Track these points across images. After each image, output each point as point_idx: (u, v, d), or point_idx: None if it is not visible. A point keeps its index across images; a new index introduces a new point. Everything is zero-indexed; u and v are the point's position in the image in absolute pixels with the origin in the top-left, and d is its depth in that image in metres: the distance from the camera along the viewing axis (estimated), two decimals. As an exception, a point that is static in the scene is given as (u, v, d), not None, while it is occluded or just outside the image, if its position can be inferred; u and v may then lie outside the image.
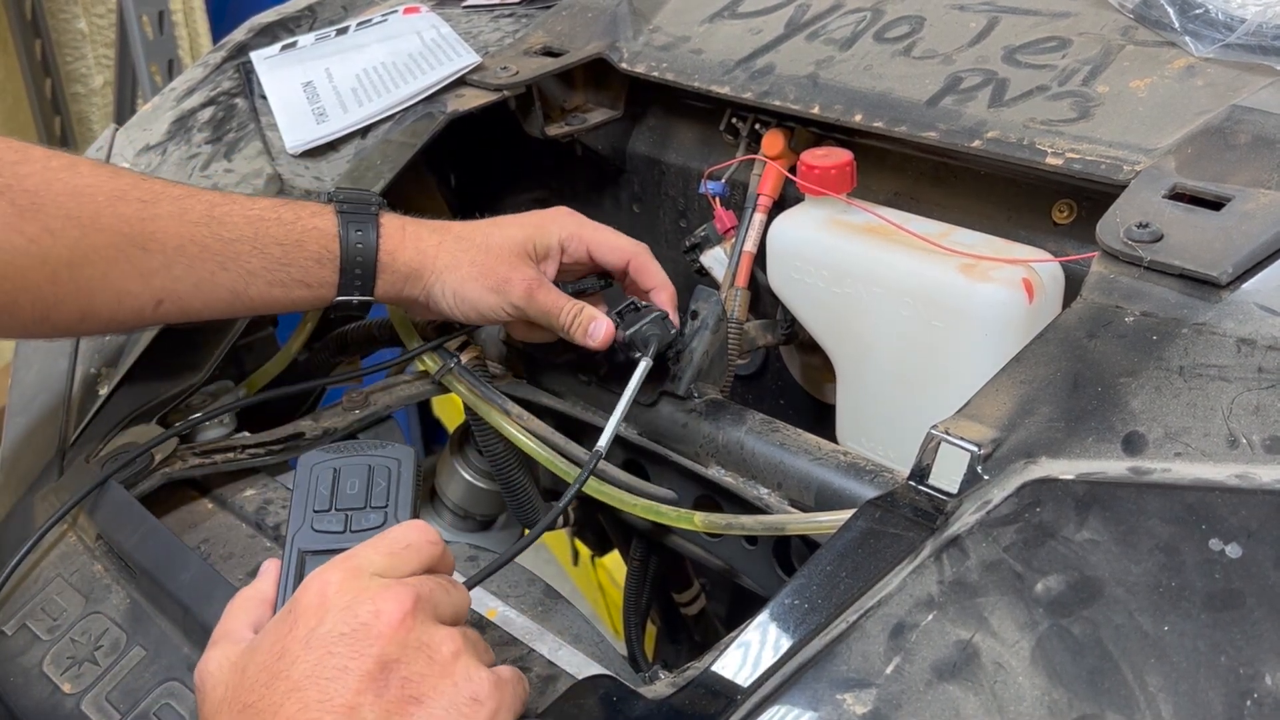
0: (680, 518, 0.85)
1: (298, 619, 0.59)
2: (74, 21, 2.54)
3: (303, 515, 0.70)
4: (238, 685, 0.59)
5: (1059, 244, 0.91)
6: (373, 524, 0.69)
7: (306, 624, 0.58)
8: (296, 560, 0.68)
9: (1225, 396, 0.64)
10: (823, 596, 0.62)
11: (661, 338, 0.88)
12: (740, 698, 0.59)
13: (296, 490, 0.71)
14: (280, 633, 0.59)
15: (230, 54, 1.29)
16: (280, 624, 0.60)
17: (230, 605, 0.66)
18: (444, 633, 0.60)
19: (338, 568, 0.61)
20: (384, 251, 0.89)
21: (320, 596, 0.59)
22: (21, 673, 0.81)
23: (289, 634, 0.58)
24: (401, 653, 0.58)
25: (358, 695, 0.56)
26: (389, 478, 0.71)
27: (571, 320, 0.90)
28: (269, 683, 0.57)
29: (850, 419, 0.97)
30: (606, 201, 1.24)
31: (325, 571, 0.61)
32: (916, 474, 0.66)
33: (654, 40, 1.10)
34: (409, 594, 0.59)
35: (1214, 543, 0.57)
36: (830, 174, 0.92)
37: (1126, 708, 0.54)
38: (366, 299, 0.89)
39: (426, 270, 0.90)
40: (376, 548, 0.63)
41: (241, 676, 0.59)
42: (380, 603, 0.59)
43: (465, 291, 0.90)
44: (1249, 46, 0.84)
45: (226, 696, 0.59)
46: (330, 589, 0.59)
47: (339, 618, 0.58)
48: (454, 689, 0.58)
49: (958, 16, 0.99)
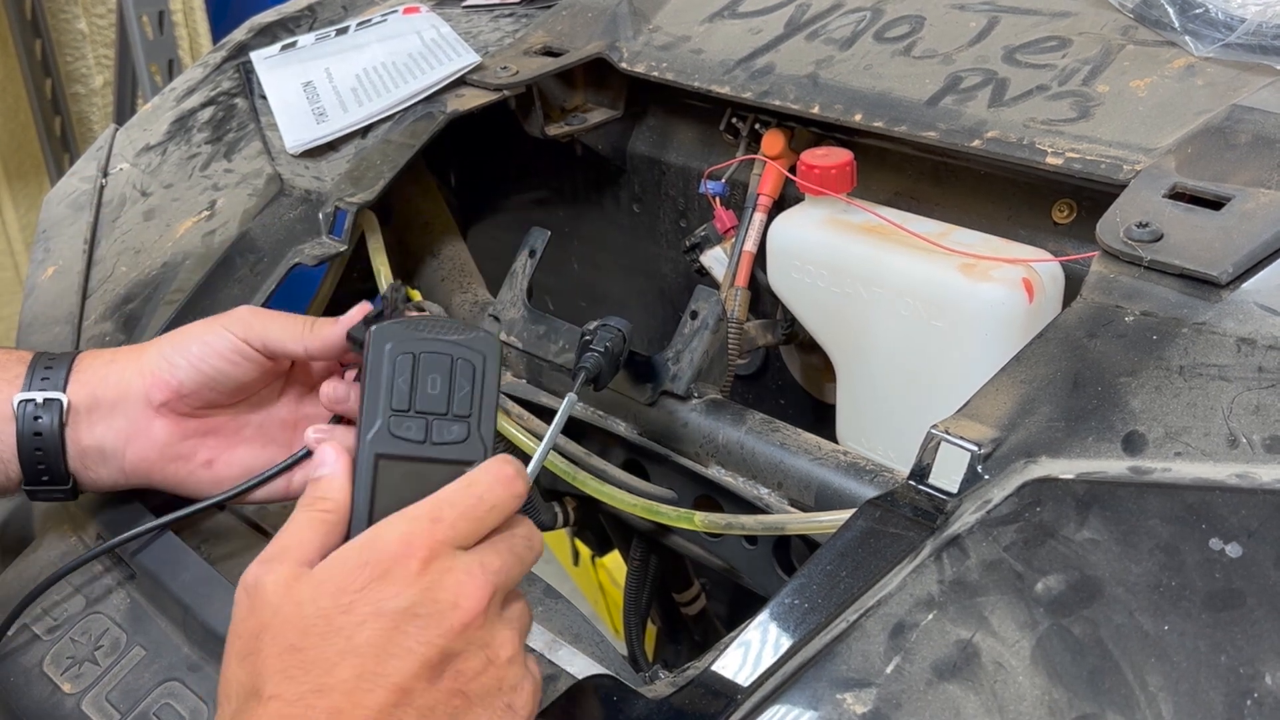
0: (680, 518, 0.85)
1: (371, 579, 0.57)
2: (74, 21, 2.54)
3: (378, 410, 0.63)
4: (291, 620, 0.57)
5: (1059, 243, 0.91)
6: (456, 438, 0.63)
7: (381, 590, 0.56)
8: (371, 465, 0.62)
9: (1225, 396, 0.64)
10: (823, 596, 0.62)
11: (590, 370, 0.84)
12: (740, 697, 0.59)
13: (370, 374, 0.64)
14: (351, 583, 0.57)
15: (230, 54, 1.29)
16: (353, 572, 0.57)
17: (298, 516, 0.62)
18: (506, 634, 0.59)
19: (423, 534, 0.58)
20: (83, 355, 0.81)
21: (402, 564, 0.57)
22: (21, 672, 0.81)
23: (359, 591, 0.56)
24: (465, 647, 0.57)
25: (413, 679, 0.56)
26: (473, 378, 0.64)
27: (310, 323, 0.80)
28: (326, 634, 0.56)
29: (850, 419, 0.97)
30: (606, 201, 1.24)
31: (410, 532, 0.58)
32: (916, 474, 0.66)
33: (654, 40, 1.10)
34: (489, 587, 0.58)
35: (1214, 542, 0.57)
36: (830, 174, 0.92)
37: (1127, 707, 0.54)
38: None
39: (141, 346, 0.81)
40: (463, 510, 0.60)
41: (298, 611, 0.57)
42: (460, 593, 0.57)
43: (176, 335, 0.81)
44: (1249, 46, 0.84)
45: (274, 626, 0.57)
46: (414, 558, 0.57)
47: (417, 598, 0.56)
48: (499, 693, 0.58)
49: (958, 16, 0.99)
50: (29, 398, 0.78)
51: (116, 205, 1.14)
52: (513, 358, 1.02)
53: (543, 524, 1.07)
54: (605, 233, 1.26)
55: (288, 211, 1.05)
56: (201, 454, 0.81)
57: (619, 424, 0.95)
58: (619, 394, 0.93)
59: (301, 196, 1.06)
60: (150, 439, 0.80)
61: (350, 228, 1.01)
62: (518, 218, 1.33)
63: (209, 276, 1.00)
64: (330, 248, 1.01)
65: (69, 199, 1.18)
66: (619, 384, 0.92)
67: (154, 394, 0.79)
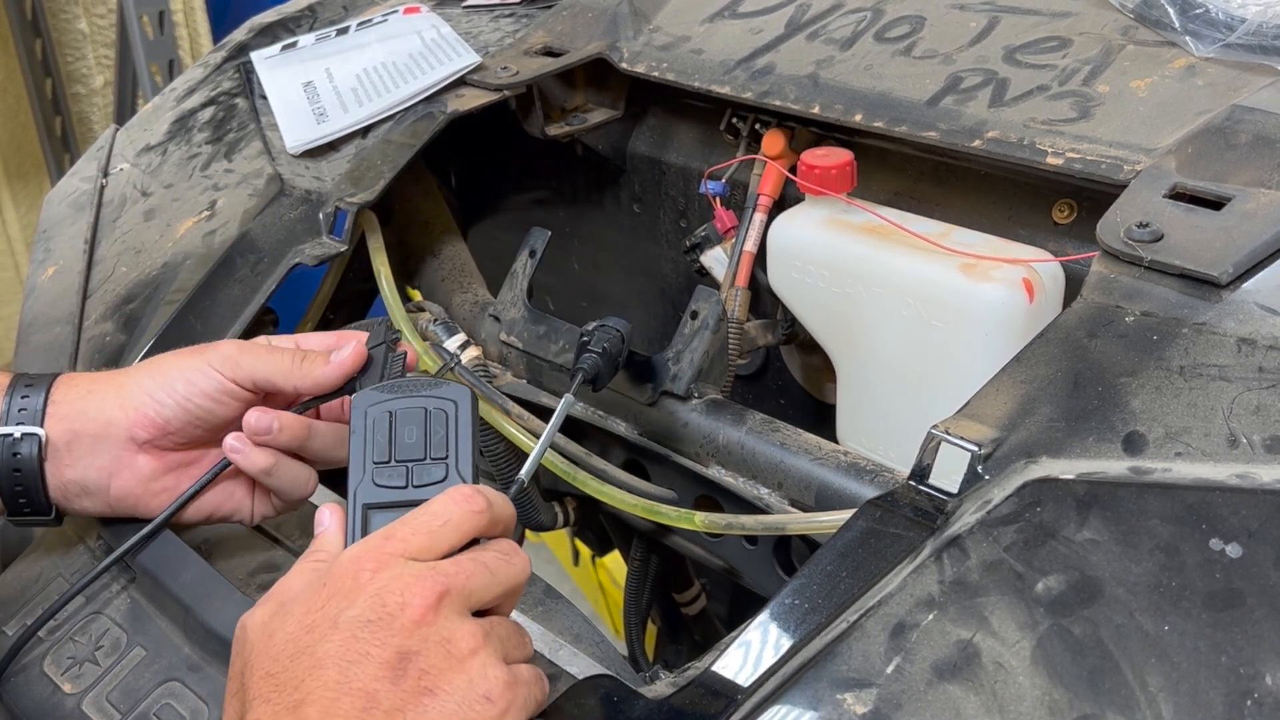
0: (680, 518, 0.85)
1: (329, 597, 0.60)
2: (74, 22, 2.54)
3: (363, 466, 0.68)
4: (266, 651, 0.59)
5: (1059, 244, 0.91)
6: (435, 478, 0.67)
7: (336, 604, 0.59)
8: (360, 516, 0.67)
9: (1226, 396, 0.64)
10: (823, 596, 0.62)
11: (588, 371, 0.85)
12: (740, 697, 0.59)
13: (354, 436, 0.69)
14: (311, 607, 0.60)
15: (230, 54, 1.29)
16: (312, 597, 0.60)
17: (298, 566, 0.65)
18: (466, 628, 0.60)
19: (373, 549, 0.61)
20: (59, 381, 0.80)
21: (353, 577, 0.60)
22: (22, 673, 0.81)
23: (319, 610, 0.59)
24: (422, 645, 0.58)
25: (375, 682, 0.57)
26: (446, 424, 0.69)
27: (301, 358, 0.80)
28: (294, 655, 0.58)
29: (850, 419, 0.97)
30: (607, 201, 1.24)
31: (361, 551, 0.61)
32: (917, 474, 0.66)
33: (654, 40, 1.10)
34: (437, 585, 0.60)
35: (1214, 542, 0.57)
36: (830, 174, 0.92)
37: (1127, 707, 0.54)
38: None
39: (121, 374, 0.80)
40: (415, 526, 0.62)
41: (270, 641, 0.60)
42: (408, 593, 0.59)
43: (158, 367, 0.80)
44: (1249, 46, 0.84)
45: (253, 661, 0.60)
46: (364, 570, 0.60)
47: (367, 604, 0.59)
48: (468, 685, 0.59)
49: (958, 16, 0.99)
50: (6, 433, 0.78)
51: (117, 205, 1.14)
52: (513, 358, 1.02)
53: (542, 524, 1.07)
54: (605, 233, 1.26)
55: (288, 211, 1.05)
56: (184, 485, 0.81)
57: (619, 424, 0.95)
58: (619, 394, 0.93)
59: (302, 196, 1.06)
60: (134, 474, 0.80)
61: (350, 228, 1.01)
62: (518, 218, 1.33)
63: (209, 277, 1.00)
64: (330, 248, 1.01)
65: (69, 199, 1.18)
66: (619, 384, 0.92)
67: (138, 432, 0.79)
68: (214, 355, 0.80)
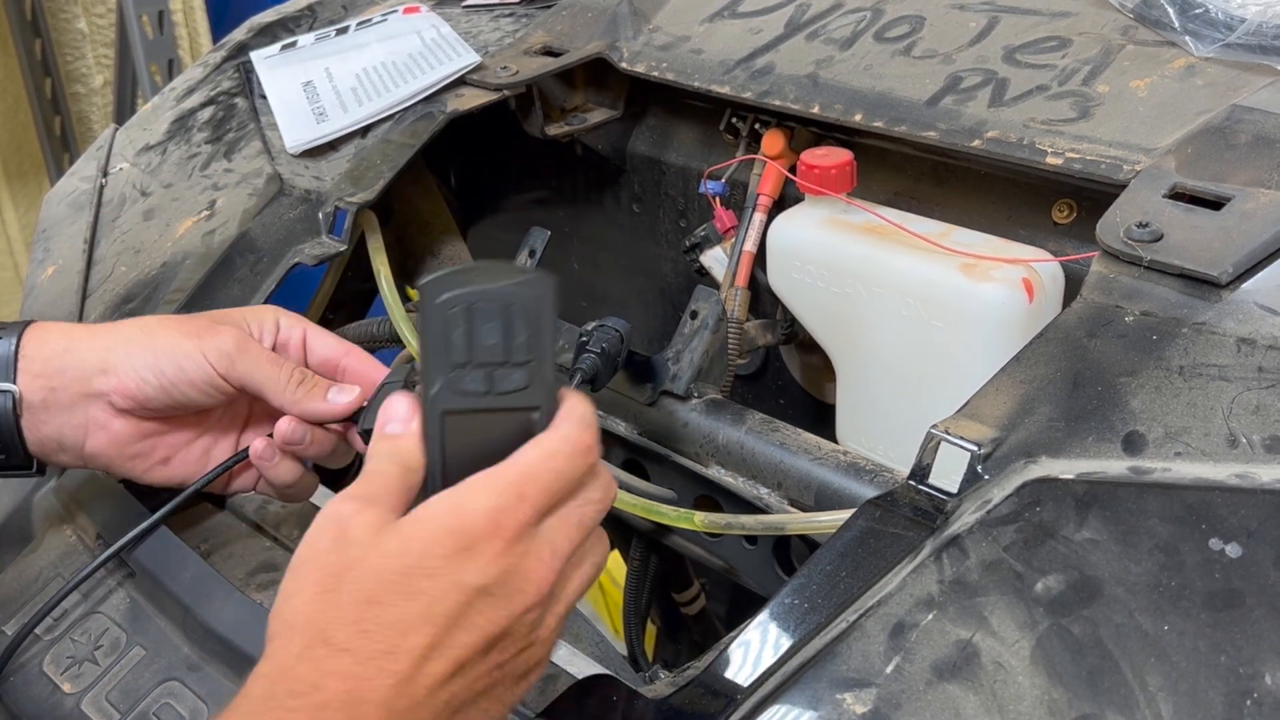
0: (680, 517, 0.85)
1: (457, 549, 0.56)
2: (74, 21, 2.54)
3: (438, 368, 0.61)
4: (374, 569, 0.56)
5: (1059, 244, 0.91)
6: (518, 384, 0.62)
7: (464, 564, 0.56)
8: (438, 423, 0.61)
9: (1225, 396, 0.64)
10: (823, 596, 0.62)
11: (586, 372, 0.85)
12: (740, 697, 0.59)
13: (428, 333, 0.62)
14: (437, 548, 0.56)
15: (230, 54, 1.29)
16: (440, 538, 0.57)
17: (382, 465, 0.61)
18: (553, 620, 0.60)
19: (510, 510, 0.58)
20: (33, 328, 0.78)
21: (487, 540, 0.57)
22: (21, 672, 0.81)
23: (446, 559, 0.56)
24: (519, 628, 0.58)
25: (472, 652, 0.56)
26: (528, 321, 0.62)
27: (299, 380, 0.78)
28: (408, 594, 0.55)
29: (850, 419, 0.97)
30: (606, 201, 1.24)
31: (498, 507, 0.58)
32: (916, 474, 0.66)
33: (654, 40, 1.10)
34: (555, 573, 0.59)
35: (1214, 542, 0.57)
36: (830, 174, 0.92)
37: (1126, 707, 0.54)
38: None
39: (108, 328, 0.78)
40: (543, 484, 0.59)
41: (383, 562, 0.56)
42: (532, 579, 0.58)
43: (153, 341, 0.77)
44: (1249, 46, 0.84)
45: (357, 570, 0.56)
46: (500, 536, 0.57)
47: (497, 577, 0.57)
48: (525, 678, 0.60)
49: (958, 16, 0.99)
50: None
51: (116, 205, 1.14)
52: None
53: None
54: (605, 233, 1.26)
55: (288, 211, 1.05)
56: (159, 452, 0.81)
57: (619, 424, 0.95)
58: (619, 394, 0.93)
59: (301, 196, 1.06)
60: (109, 435, 0.79)
61: (350, 227, 1.01)
62: (518, 218, 1.33)
63: (209, 276, 1.00)
64: (330, 247, 1.01)
65: (69, 198, 1.18)
66: (619, 384, 0.92)
67: (117, 399, 0.78)
68: (211, 347, 0.78)
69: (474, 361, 0.61)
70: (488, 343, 0.61)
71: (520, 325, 0.61)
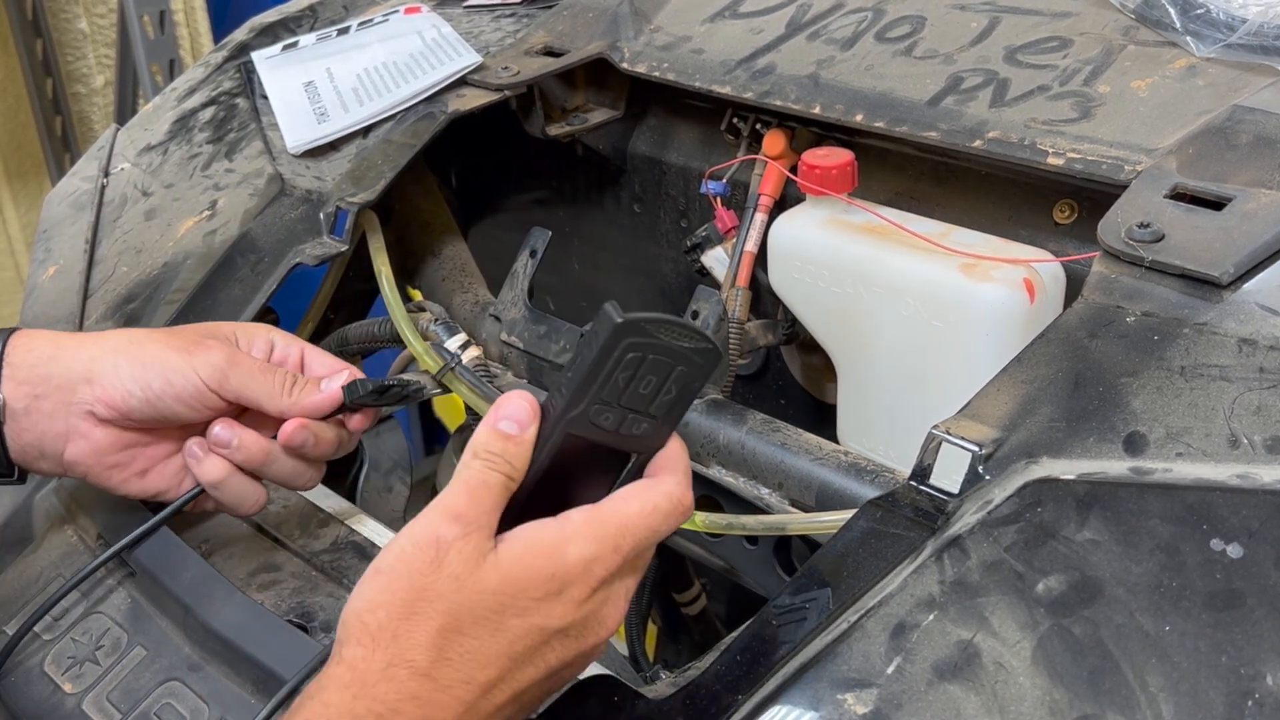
0: (681, 518, 0.85)
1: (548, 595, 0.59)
2: (75, 21, 2.53)
3: (588, 395, 0.61)
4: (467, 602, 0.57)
5: (1060, 244, 0.91)
6: (642, 432, 0.63)
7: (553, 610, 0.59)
8: (558, 439, 0.62)
9: (1226, 396, 0.64)
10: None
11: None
12: (741, 698, 0.59)
13: (596, 362, 0.61)
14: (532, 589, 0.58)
15: (231, 54, 1.29)
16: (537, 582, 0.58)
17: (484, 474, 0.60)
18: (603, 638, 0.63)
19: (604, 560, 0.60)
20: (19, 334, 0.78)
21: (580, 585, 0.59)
22: (22, 672, 0.81)
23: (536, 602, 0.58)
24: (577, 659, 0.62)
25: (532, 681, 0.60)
26: (681, 385, 0.63)
27: (292, 383, 0.78)
28: (495, 631, 0.58)
29: (851, 419, 0.97)
30: (607, 201, 1.24)
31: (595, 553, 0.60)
32: (917, 474, 0.66)
33: (655, 40, 1.10)
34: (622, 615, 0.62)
35: (1215, 543, 0.57)
36: (831, 174, 0.92)
37: (1127, 708, 0.54)
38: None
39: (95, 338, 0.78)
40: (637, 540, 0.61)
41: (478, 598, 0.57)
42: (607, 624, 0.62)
43: (140, 353, 0.77)
44: (1250, 46, 0.84)
45: (448, 597, 0.57)
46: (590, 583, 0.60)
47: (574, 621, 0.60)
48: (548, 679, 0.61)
49: (959, 16, 0.99)
50: None
51: (117, 205, 1.14)
52: (513, 357, 1.02)
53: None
54: (606, 233, 1.26)
55: (289, 211, 1.05)
56: (137, 464, 0.80)
57: (620, 424, 0.95)
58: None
59: (302, 196, 1.06)
60: (89, 444, 0.78)
61: (351, 228, 1.01)
62: (518, 218, 1.33)
63: (210, 276, 1.00)
64: (331, 248, 1.01)
65: (70, 199, 1.18)
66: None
67: (100, 409, 0.77)
68: (202, 362, 0.77)
69: (620, 404, 0.62)
70: (641, 392, 0.62)
71: (673, 386, 0.63)
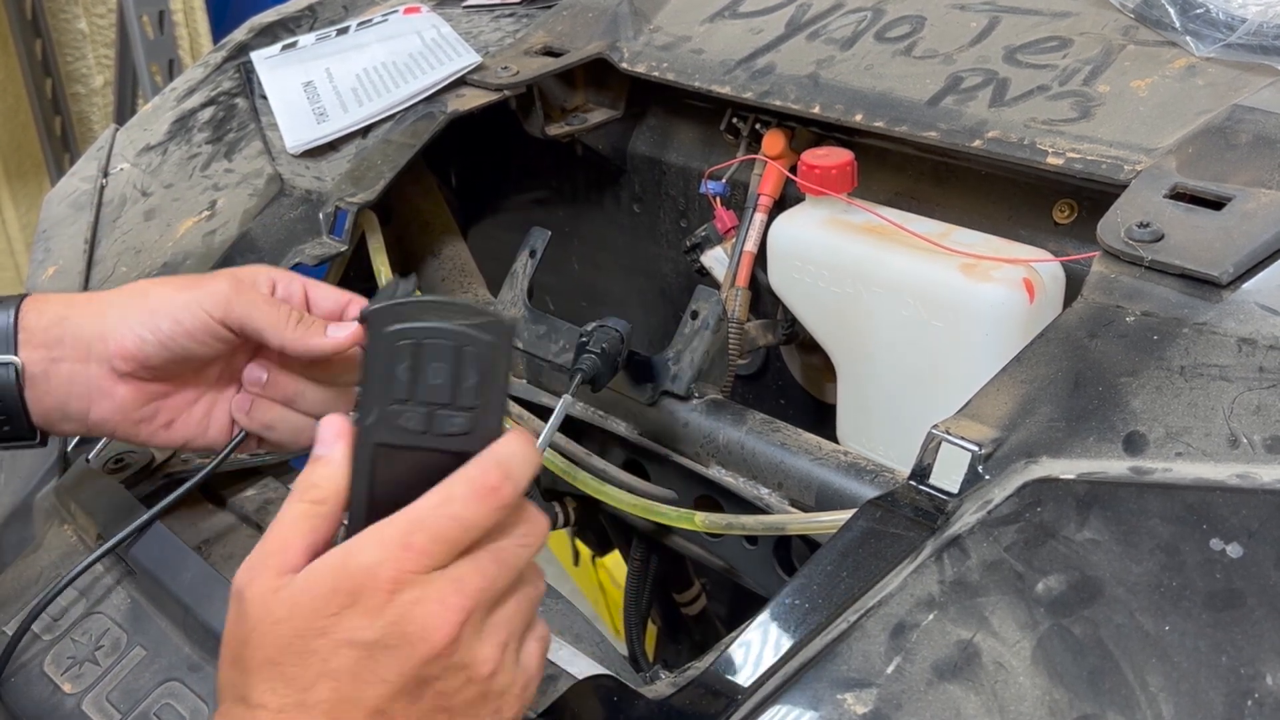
0: (680, 518, 0.85)
1: (343, 607, 0.56)
2: (74, 21, 2.54)
3: (376, 399, 0.59)
4: (268, 636, 0.57)
5: (1060, 244, 0.91)
6: (459, 429, 0.59)
7: (352, 620, 0.56)
8: (369, 454, 0.59)
9: (1226, 396, 0.64)
10: (823, 596, 0.62)
11: (586, 373, 0.85)
12: (741, 698, 0.59)
13: (370, 358, 0.59)
14: (324, 608, 0.56)
15: (231, 54, 1.29)
16: (326, 597, 0.56)
17: (288, 509, 0.60)
18: (486, 651, 0.58)
19: (392, 561, 0.57)
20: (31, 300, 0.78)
21: (370, 593, 0.56)
22: (22, 673, 0.81)
23: (332, 617, 0.56)
24: (442, 673, 0.57)
25: (391, 702, 0.56)
26: (480, 366, 0.59)
27: (298, 319, 0.77)
28: (303, 655, 0.56)
29: (851, 419, 0.97)
30: (607, 201, 1.24)
31: (378, 561, 0.57)
32: (917, 474, 0.66)
33: (655, 40, 1.10)
34: (462, 613, 0.57)
35: (1215, 542, 0.57)
36: (831, 174, 0.92)
37: (1127, 708, 0.54)
38: None
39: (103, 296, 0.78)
40: (435, 533, 0.57)
41: (274, 629, 0.57)
42: (430, 624, 0.56)
43: (146, 300, 0.77)
44: (1250, 46, 0.84)
45: (253, 639, 0.57)
46: (381, 589, 0.56)
47: (386, 629, 0.56)
48: (484, 702, 0.58)
49: (958, 16, 0.99)
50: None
51: (117, 205, 1.14)
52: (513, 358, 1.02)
53: (543, 524, 1.07)
54: (606, 233, 1.26)
55: (288, 211, 1.05)
56: (162, 416, 0.80)
57: (619, 424, 0.95)
58: (619, 394, 0.93)
59: (302, 196, 1.06)
60: (113, 403, 0.78)
61: (351, 228, 1.01)
62: (518, 218, 1.33)
63: (209, 276, 1.00)
64: (331, 248, 1.01)
65: (69, 199, 1.18)
66: (619, 384, 0.92)
67: (118, 363, 0.77)
68: (205, 294, 0.77)
69: (416, 399, 0.59)
70: (434, 382, 0.59)
71: (471, 369, 0.59)
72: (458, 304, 0.60)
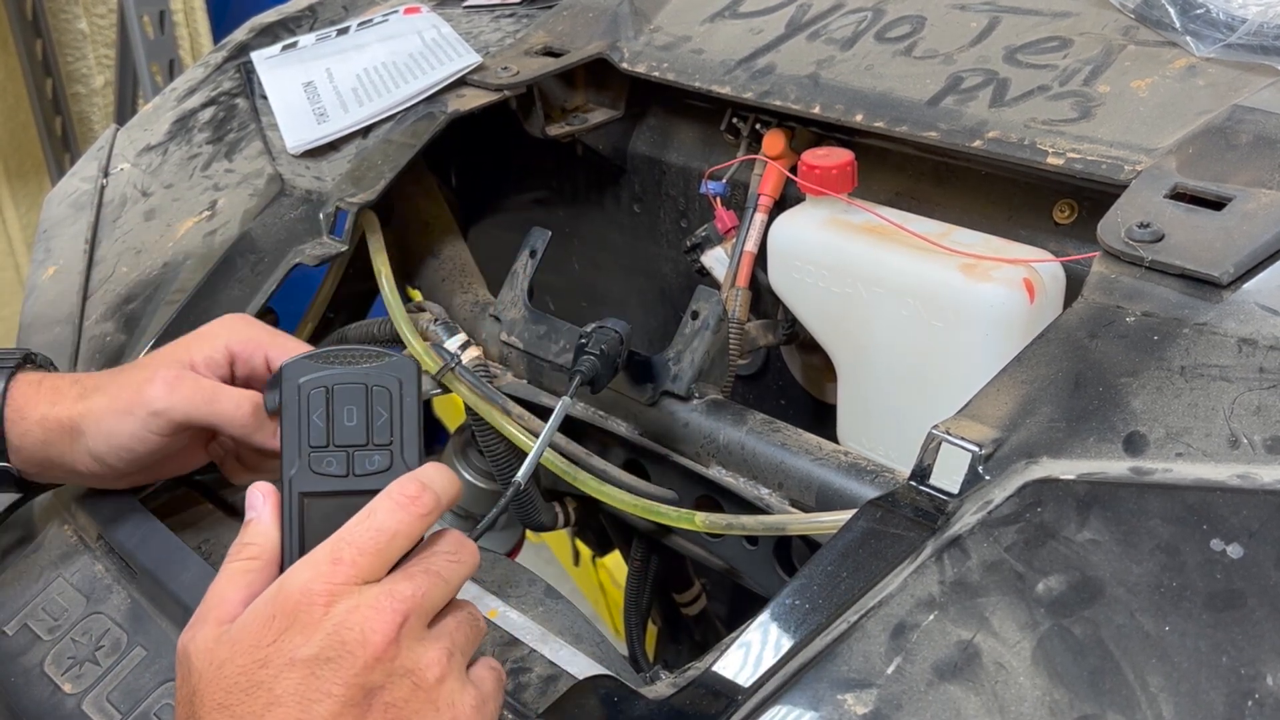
0: (681, 518, 0.85)
1: (281, 631, 0.58)
2: (75, 21, 2.54)
3: (298, 450, 0.63)
4: (215, 682, 0.58)
5: (1060, 244, 0.91)
6: (379, 466, 0.63)
7: (290, 641, 0.57)
8: (297, 506, 0.62)
9: (1226, 396, 0.64)
10: (823, 596, 0.62)
11: (586, 374, 0.85)
12: (741, 698, 0.59)
13: (286, 412, 0.63)
14: (263, 637, 0.58)
15: (231, 54, 1.29)
16: (264, 626, 0.58)
17: (224, 569, 0.62)
18: (431, 655, 0.59)
19: (322, 577, 0.58)
20: (11, 408, 0.80)
21: (305, 611, 0.58)
22: (22, 673, 0.81)
23: (271, 645, 0.57)
24: (386, 679, 0.57)
25: (339, 718, 0.56)
26: (390, 403, 0.63)
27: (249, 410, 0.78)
28: (249, 690, 0.57)
29: (851, 419, 0.97)
30: (607, 201, 1.24)
31: (309, 579, 0.58)
32: (917, 474, 0.66)
33: (655, 40, 1.10)
34: (397, 615, 0.58)
35: (1215, 543, 0.57)
36: (831, 174, 0.92)
37: (1128, 708, 0.54)
38: None
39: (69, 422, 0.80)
40: (362, 545, 0.60)
41: (219, 672, 0.58)
42: (367, 628, 0.57)
43: (106, 426, 0.79)
44: (1250, 46, 0.84)
45: (201, 689, 0.58)
46: (315, 604, 0.58)
47: (324, 641, 0.57)
48: (435, 712, 0.58)
49: (959, 16, 0.99)
50: None
51: (117, 205, 1.14)
52: (513, 358, 1.02)
53: (542, 524, 1.07)
54: (606, 233, 1.26)
55: (288, 211, 1.05)
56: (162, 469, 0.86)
57: (619, 424, 0.95)
58: (619, 394, 0.93)
59: (302, 196, 1.06)
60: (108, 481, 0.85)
61: (351, 228, 1.01)
62: (518, 218, 1.33)
63: (210, 277, 1.00)
64: (331, 248, 1.01)
65: (70, 199, 1.18)
66: (619, 384, 0.92)
67: (97, 481, 0.85)
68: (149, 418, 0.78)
69: (333, 444, 0.62)
70: (348, 425, 0.63)
71: (381, 407, 0.63)
72: (360, 349, 0.65)
